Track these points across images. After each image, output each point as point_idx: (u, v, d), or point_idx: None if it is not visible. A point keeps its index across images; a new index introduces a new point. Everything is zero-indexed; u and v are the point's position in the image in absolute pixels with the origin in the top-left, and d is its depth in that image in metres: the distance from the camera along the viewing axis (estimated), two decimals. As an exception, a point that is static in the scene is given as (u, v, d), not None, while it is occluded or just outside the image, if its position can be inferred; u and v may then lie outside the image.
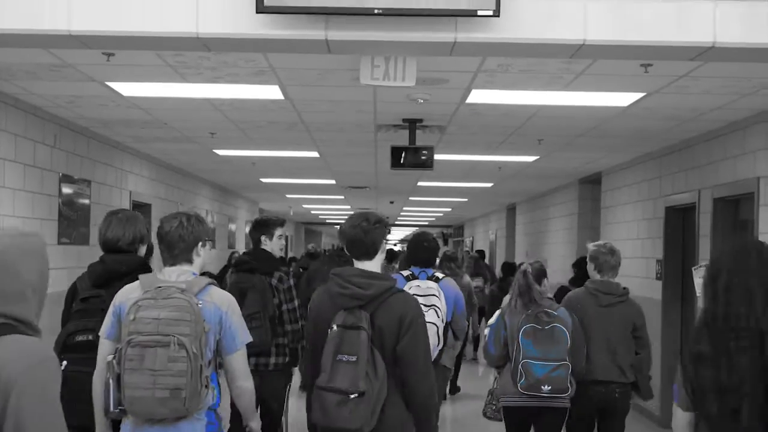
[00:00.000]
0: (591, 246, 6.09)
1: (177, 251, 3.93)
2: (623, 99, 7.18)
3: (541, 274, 5.82)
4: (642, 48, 4.85)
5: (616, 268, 5.96)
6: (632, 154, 10.67)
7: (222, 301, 3.88)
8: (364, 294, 3.83)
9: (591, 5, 4.73)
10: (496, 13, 4.56)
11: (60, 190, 8.62)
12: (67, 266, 8.79)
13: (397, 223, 35.98)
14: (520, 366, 5.44)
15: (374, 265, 4.02)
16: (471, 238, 30.76)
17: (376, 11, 4.57)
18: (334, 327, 3.80)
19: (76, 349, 4.28)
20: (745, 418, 2.90)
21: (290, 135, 9.67)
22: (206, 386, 3.74)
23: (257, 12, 4.60)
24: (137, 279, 3.95)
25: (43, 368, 2.24)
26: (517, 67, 6.06)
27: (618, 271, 6.03)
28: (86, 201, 9.36)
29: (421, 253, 6.30)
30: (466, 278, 10.82)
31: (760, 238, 7.32)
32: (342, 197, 20.43)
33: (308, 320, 4.08)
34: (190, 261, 3.96)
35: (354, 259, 4.06)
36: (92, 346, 4.10)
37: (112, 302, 3.99)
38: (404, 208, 25.70)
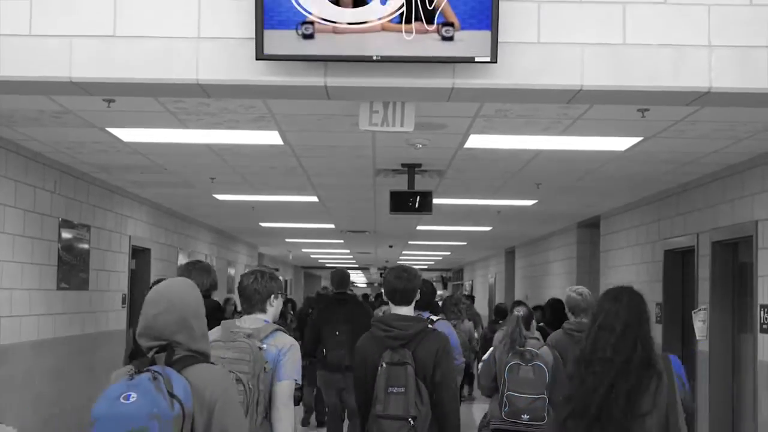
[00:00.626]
0: (567, 291, 6.68)
1: (253, 302, 4.58)
2: (621, 143, 7.22)
3: (529, 318, 6.62)
4: (639, 93, 4.88)
5: (587, 310, 6.30)
6: (630, 197, 10.69)
7: (284, 344, 4.44)
8: (406, 334, 4.61)
9: (587, 51, 4.77)
10: (494, 60, 4.60)
11: (60, 236, 8.63)
12: (66, 312, 8.77)
13: (396, 266, 35.86)
14: (505, 396, 6.19)
15: (409, 309, 4.78)
16: (470, 282, 30.70)
17: (374, 58, 4.62)
18: (383, 365, 4.55)
19: None
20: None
21: (289, 180, 9.70)
22: (265, 417, 4.28)
23: (257, 59, 4.65)
24: (214, 320, 4.48)
25: (233, 388, 3.06)
26: (515, 112, 6.10)
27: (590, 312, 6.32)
28: (86, 246, 9.35)
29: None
30: (467, 323, 10.86)
31: (760, 281, 7.32)
32: (341, 241, 20.44)
33: (356, 361, 4.82)
34: (264, 310, 4.59)
35: (392, 305, 4.78)
36: None
37: None
38: (403, 252, 25.69)
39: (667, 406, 3.74)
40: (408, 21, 4.60)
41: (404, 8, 4.59)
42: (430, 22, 4.60)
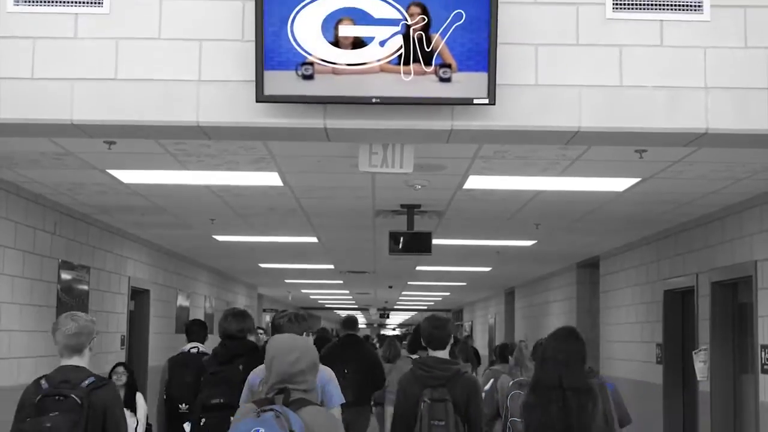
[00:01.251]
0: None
1: None
2: (619, 184, 7.24)
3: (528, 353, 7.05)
4: (636, 134, 4.91)
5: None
6: (630, 237, 10.70)
7: (324, 373, 4.69)
8: (444, 375, 5.18)
9: (585, 93, 4.81)
10: (492, 102, 4.64)
11: (59, 277, 8.62)
12: (64, 353, 8.72)
13: (396, 307, 35.83)
14: (508, 423, 6.29)
15: (445, 353, 5.32)
16: (470, 322, 30.60)
17: (373, 100, 4.65)
18: (426, 401, 5.09)
19: (212, 409, 5.56)
20: None
21: (289, 220, 9.72)
22: None
23: (257, 101, 4.68)
24: (251, 358, 5.16)
25: (339, 427, 3.47)
26: (514, 153, 6.13)
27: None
28: (85, 287, 9.34)
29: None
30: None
31: (760, 322, 7.31)
32: (341, 282, 20.40)
33: (398, 396, 5.34)
34: None
35: (430, 349, 5.33)
36: (222, 407, 5.42)
37: (248, 378, 5.00)
38: (403, 293, 25.64)
39: (605, 417, 4.87)
40: (406, 62, 4.65)
41: (402, 50, 4.63)
42: (428, 63, 4.65)
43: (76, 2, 4.84)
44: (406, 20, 4.61)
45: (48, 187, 7.77)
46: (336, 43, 4.64)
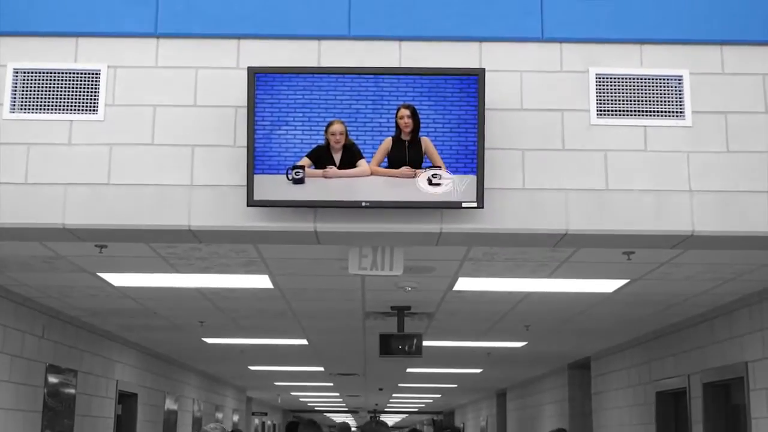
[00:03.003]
0: None
1: None
2: (608, 285, 7.26)
3: None
4: (623, 237, 4.97)
5: None
6: (620, 338, 10.67)
7: None
8: None
9: (572, 196, 4.87)
10: (480, 205, 4.70)
11: (46, 381, 8.51)
12: (49, 460, 8.55)
13: (386, 410, 35.32)
14: None
15: None
16: (462, 425, 30.14)
17: (363, 204, 4.70)
18: None
19: None
20: None
21: (279, 323, 9.67)
22: None
23: (248, 205, 4.73)
24: None
25: None
26: (503, 255, 6.16)
27: None
28: (72, 391, 9.22)
29: None
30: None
31: (754, 423, 7.24)
32: (331, 384, 20.16)
33: None
34: None
35: None
36: None
37: None
38: (393, 395, 25.32)
39: None
40: (396, 165, 4.72)
41: (392, 153, 4.71)
42: (417, 166, 4.72)
43: (70, 109, 4.93)
44: (396, 124, 4.71)
45: (38, 290, 7.74)
46: (327, 147, 4.71)
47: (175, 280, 7.19)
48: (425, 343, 9.15)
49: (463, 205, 4.71)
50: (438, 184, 4.71)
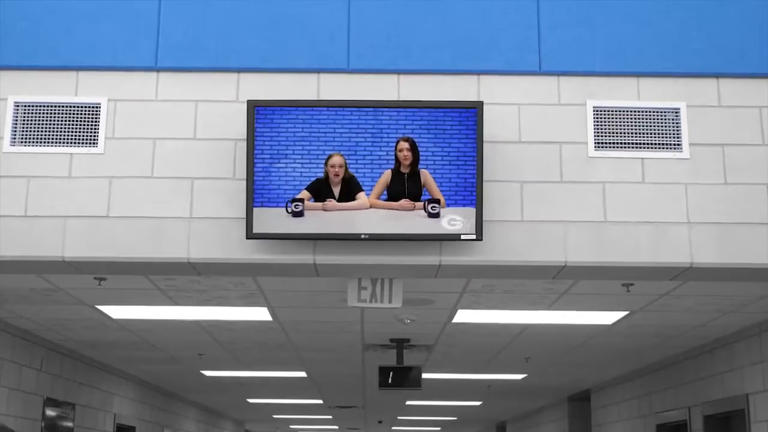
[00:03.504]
0: None
1: None
2: (607, 317, 7.24)
3: None
4: (622, 269, 4.97)
5: None
6: (620, 370, 10.63)
7: None
8: None
9: (570, 228, 4.88)
10: (479, 237, 4.71)
11: (44, 414, 8.47)
12: (46, 494, 8.49)
13: (386, 443, 35.06)
14: None
15: None
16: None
17: (362, 236, 4.71)
18: None
19: None
20: None
21: (278, 355, 9.64)
22: None
23: (247, 238, 4.74)
24: None
25: None
26: (502, 287, 6.15)
27: None
28: (69, 424, 9.16)
29: None
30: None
31: (755, 457, 7.20)
32: (330, 417, 20.05)
33: None
34: None
35: None
36: None
37: None
38: (393, 428, 25.16)
39: None
40: (395, 198, 4.73)
41: (391, 186, 4.72)
42: (416, 199, 4.73)
43: (71, 143, 4.95)
44: (395, 156, 4.73)
45: (36, 323, 7.72)
46: (326, 180, 4.73)
47: (174, 313, 7.18)
48: (425, 375, 9.12)
49: (462, 237, 4.72)
50: (437, 216, 4.72)
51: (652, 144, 4.99)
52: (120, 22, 5.11)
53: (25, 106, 5.01)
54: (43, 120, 5.00)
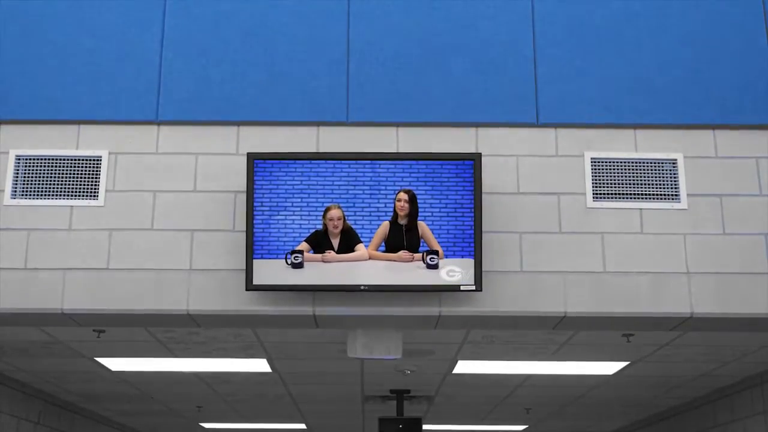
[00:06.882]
0: None
1: None
2: (608, 368, 7.20)
3: None
4: (622, 319, 4.96)
5: None
6: (622, 421, 10.54)
7: None
8: None
9: (570, 279, 4.88)
10: (479, 288, 4.70)
11: (41, 468, 8.38)
12: None
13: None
14: None
15: None
16: None
17: (362, 288, 4.71)
18: None
19: None
20: None
21: (277, 407, 9.56)
22: None
23: (247, 289, 4.73)
24: None
25: None
26: (502, 338, 6.13)
27: None
28: (67, 479, 9.06)
29: None
30: None
31: None
32: (330, 469, 19.84)
33: None
34: None
35: None
36: None
37: None
38: (394, 480, 24.86)
39: None
40: (394, 250, 4.73)
41: (390, 237, 4.73)
42: (415, 250, 4.73)
43: (71, 195, 4.97)
44: (393, 208, 4.75)
45: (34, 375, 7.67)
46: (325, 232, 4.74)
47: (173, 365, 7.14)
48: (425, 426, 9.05)
49: (462, 288, 4.71)
50: (436, 267, 4.72)
51: (650, 195, 5.01)
52: (121, 76, 5.16)
53: (27, 159, 5.04)
54: (44, 173, 5.02)
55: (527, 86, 5.16)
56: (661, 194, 5.01)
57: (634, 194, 5.01)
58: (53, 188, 5.00)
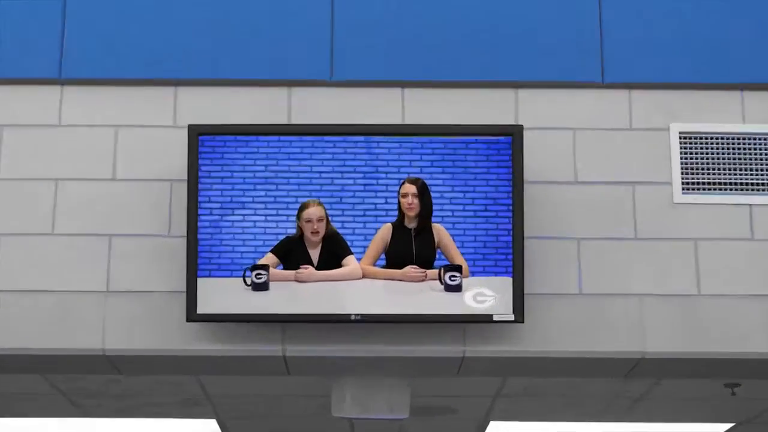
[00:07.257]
0: None
1: None
2: (704, 431, 7.26)
3: None
4: (723, 362, 4.99)
5: None
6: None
7: None
8: None
9: (650, 304, 4.88)
10: (519, 319, 4.70)
11: None
12: None
13: None
14: None
15: None
16: None
17: (352, 318, 4.72)
18: None
19: None
20: None
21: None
22: None
23: (188, 320, 4.76)
24: None
25: None
26: (551, 390, 6.16)
27: None
28: None
29: None
30: None
31: None
32: None
33: None
34: None
35: None
36: None
37: None
38: None
39: None
40: (397, 264, 4.75)
41: (391, 246, 4.76)
42: (427, 264, 4.75)
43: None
44: (398, 205, 4.76)
45: None
46: (300, 238, 4.76)
47: (82, 428, 7.18)
48: None
49: (495, 318, 4.73)
50: (458, 289, 4.73)
51: (763, 185, 5.02)
52: (7, 16, 5.16)
53: None
54: None
55: (588, 30, 5.18)
56: (773, 185, 5.04)
57: (742, 184, 5.03)
58: None
